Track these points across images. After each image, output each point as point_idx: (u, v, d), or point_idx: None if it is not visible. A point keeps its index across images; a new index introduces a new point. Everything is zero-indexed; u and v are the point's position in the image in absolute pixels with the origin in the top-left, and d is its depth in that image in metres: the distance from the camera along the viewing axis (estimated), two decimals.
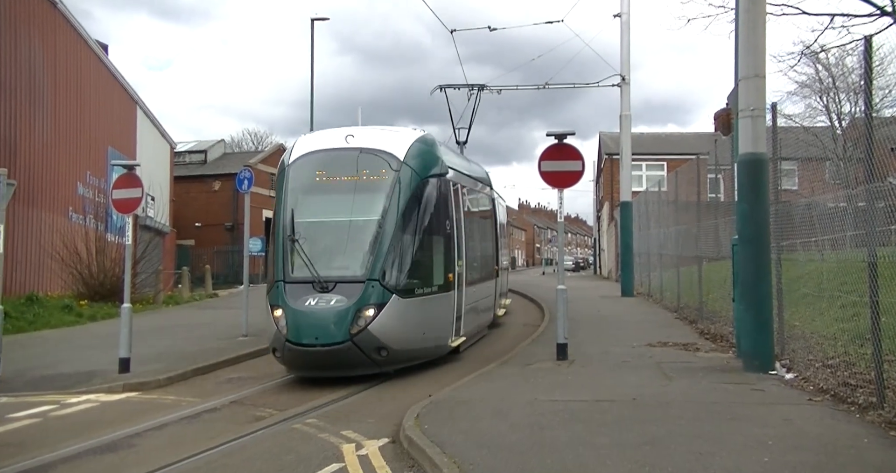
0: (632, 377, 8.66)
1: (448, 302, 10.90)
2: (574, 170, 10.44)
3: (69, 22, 23.43)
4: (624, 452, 5.53)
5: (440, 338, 10.74)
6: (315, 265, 9.71)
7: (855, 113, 20.40)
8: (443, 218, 10.82)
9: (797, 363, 8.58)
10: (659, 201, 19.74)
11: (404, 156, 10.31)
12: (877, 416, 6.30)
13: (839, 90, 22.04)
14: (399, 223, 9.92)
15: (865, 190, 6.62)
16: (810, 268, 10.19)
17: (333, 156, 10.62)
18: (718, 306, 12.83)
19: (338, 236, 10.24)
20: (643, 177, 34.34)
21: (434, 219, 10.60)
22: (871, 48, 6.71)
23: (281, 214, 10.33)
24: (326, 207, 10.48)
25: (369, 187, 10.29)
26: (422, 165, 10.49)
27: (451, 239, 11.08)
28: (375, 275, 9.57)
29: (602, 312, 17.53)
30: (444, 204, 10.87)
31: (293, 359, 9.57)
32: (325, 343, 9.20)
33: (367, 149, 10.44)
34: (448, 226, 10.95)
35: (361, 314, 9.37)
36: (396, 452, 6.24)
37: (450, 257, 10.98)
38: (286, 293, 9.65)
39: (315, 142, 11.01)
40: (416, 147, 10.59)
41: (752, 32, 8.74)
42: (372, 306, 9.44)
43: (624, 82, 22.79)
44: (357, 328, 9.29)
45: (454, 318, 11.18)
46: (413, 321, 9.95)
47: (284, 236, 10.06)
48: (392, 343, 9.52)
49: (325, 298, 9.46)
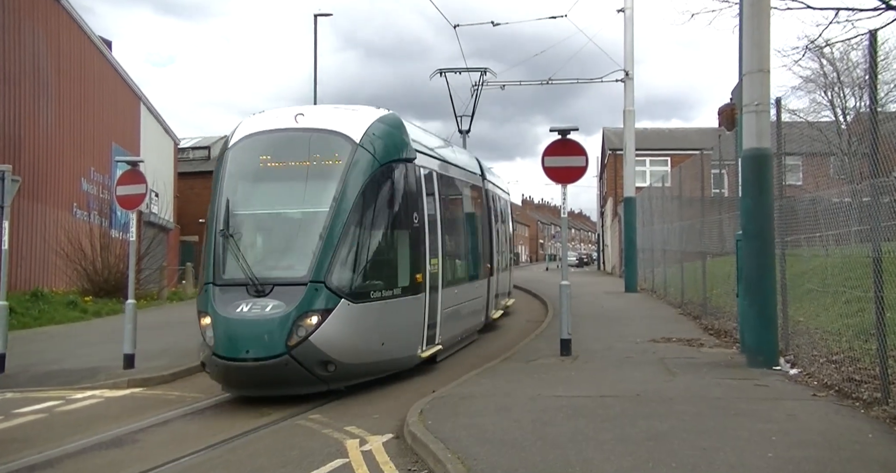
0: (635, 373, 8.66)
1: (416, 307, 9.55)
2: (578, 165, 10.41)
3: (73, 18, 23.44)
4: (628, 447, 5.53)
5: (406, 348, 9.44)
6: (250, 265, 8.41)
7: (860, 108, 20.33)
8: (409, 210, 9.50)
9: (801, 359, 8.57)
10: (663, 197, 19.70)
11: (360, 138, 8.95)
12: (881, 411, 6.29)
13: (844, 85, 22.00)
14: (352, 216, 8.57)
15: (870, 185, 6.59)
16: (815, 263, 10.17)
17: (279, 138, 9.23)
18: (722, 301, 12.81)
19: (279, 231, 9.08)
20: (647, 172, 34.26)
21: (397, 211, 9.32)
22: (876, 42, 6.69)
23: (215, 205, 9.00)
24: (268, 196, 9.19)
25: (319, 173, 8.94)
26: (382, 149, 9.12)
27: (421, 234, 9.73)
28: (321, 276, 8.23)
29: (606, 308, 17.52)
30: (410, 194, 9.55)
31: (222, 376, 8.31)
32: (257, 357, 7.87)
33: (317, 130, 9.11)
34: (417, 219, 9.63)
35: (302, 322, 8.04)
36: (400, 447, 6.25)
37: (419, 255, 9.61)
38: (215, 298, 8.36)
39: (260, 122, 9.55)
40: (375, 128, 9.22)
41: (757, 27, 8.71)
42: (315, 312, 8.12)
43: (627, 78, 22.73)
44: (296, 338, 7.97)
45: (425, 325, 9.82)
46: (368, 329, 8.65)
47: (216, 230, 8.77)
48: (340, 356, 8.24)
49: (259, 303, 8.16)
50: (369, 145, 9.00)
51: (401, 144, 9.58)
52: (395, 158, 9.33)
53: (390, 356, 9.07)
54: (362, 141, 8.96)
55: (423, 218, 9.84)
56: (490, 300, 14.51)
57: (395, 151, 9.41)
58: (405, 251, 9.41)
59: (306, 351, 8.00)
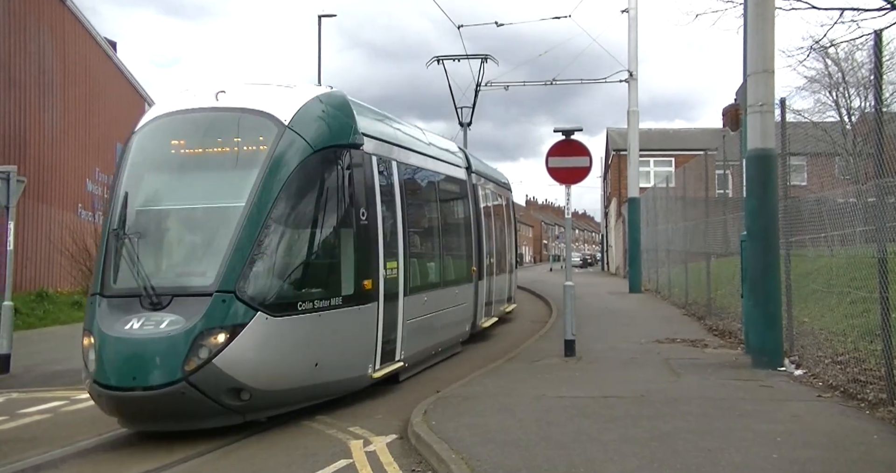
0: (640, 374, 8.65)
1: (364, 318, 8.11)
2: (582, 166, 10.41)
3: (78, 19, 23.51)
4: (632, 448, 5.52)
5: (350, 368, 7.98)
6: (146, 272, 6.99)
7: (865, 108, 20.28)
8: (355, 205, 8.05)
9: (806, 360, 8.55)
10: (667, 197, 19.68)
11: (290, 119, 7.54)
12: (887, 412, 6.27)
13: (849, 85, 21.93)
14: (275, 211, 7.15)
15: (875, 185, 6.58)
16: (819, 264, 10.15)
17: (193, 120, 7.80)
18: (727, 302, 12.79)
19: (185, 231, 7.62)
20: (651, 173, 34.21)
21: (337, 205, 7.90)
22: (881, 42, 6.68)
23: (113, 200, 7.65)
24: (176, 190, 7.76)
25: (238, 161, 7.52)
26: (317, 132, 7.73)
27: (372, 233, 8.32)
28: (230, 285, 6.74)
29: (610, 308, 17.51)
30: (357, 186, 8.13)
31: (108, 409, 6.79)
32: (146, 386, 6.43)
33: (239, 109, 7.68)
34: (365, 216, 8.16)
35: (205, 341, 6.54)
36: (404, 448, 6.25)
37: (368, 258, 8.20)
38: (100, 312, 6.92)
39: (176, 102, 8.09)
40: (311, 108, 7.85)
41: (761, 27, 8.69)
42: (222, 329, 6.63)
43: (632, 78, 22.72)
44: (196, 361, 6.48)
45: (378, 339, 8.38)
46: (294, 347, 7.22)
47: (109, 230, 7.39)
48: (256, 382, 6.75)
49: (153, 319, 6.68)
50: (301, 128, 7.58)
51: (345, 128, 8.17)
52: (335, 143, 7.92)
53: (328, 378, 7.62)
54: (292, 123, 7.54)
55: (376, 215, 8.42)
56: (478, 308, 13.06)
57: (337, 134, 8.01)
58: (348, 254, 7.92)
59: (209, 377, 6.51)
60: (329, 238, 7.89)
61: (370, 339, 8.29)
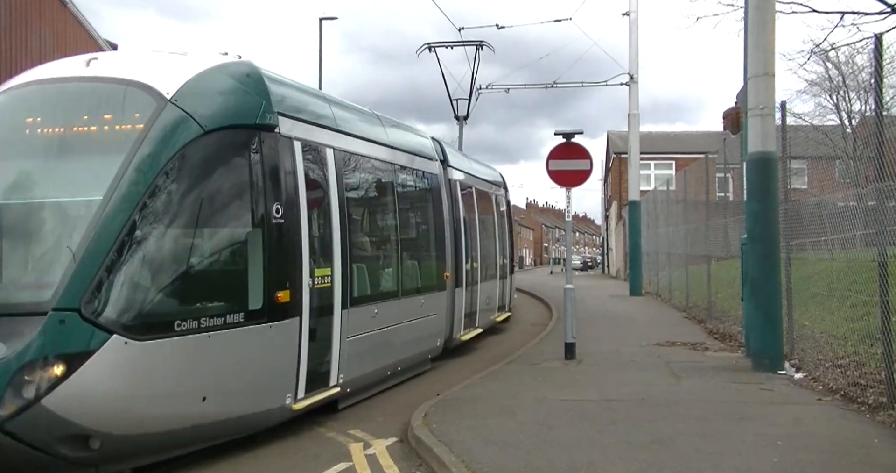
0: (640, 377, 8.65)
1: (280, 338, 6.50)
2: (582, 169, 10.42)
3: (79, 21, 23.53)
4: (632, 451, 5.52)
5: (259, 400, 6.35)
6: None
7: (865, 111, 20.31)
8: (265, 199, 6.46)
9: (807, 363, 8.55)
10: (667, 200, 19.69)
11: (175, 92, 6.01)
12: (887, 416, 6.26)
13: (849, 88, 21.98)
14: (148, 206, 5.67)
15: (876, 189, 6.59)
16: (820, 267, 10.15)
17: (55, 92, 6.31)
18: (727, 305, 12.79)
19: (25, 232, 6.01)
20: (651, 176, 34.22)
21: (238, 199, 6.36)
22: (881, 46, 6.69)
23: None
24: (24, 180, 6.13)
25: (106, 143, 5.96)
26: (213, 109, 6.20)
27: (292, 234, 6.72)
28: (73, 300, 5.21)
29: (610, 311, 17.50)
30: (267, 176, 6.50)
31: None
32: None
33: (111, 79, 6.17)
34: (280, 213, 6.55)
35: (31, 375, 5.05)
36: (404, 451, 6.25)
37: (285, 264, 6.60)
38: None
39: (40, 71, 6.73)
40: (204, 80, 6.30)
41: (762, 31, 8.71)
42: (59, 358, 5.10)
43: (632, 81, 22.73)
44: (16, 403, 4.99)
45: (301, 362, 6.76)
46: (169, 378, 5.65)
47: None
48: (109, 425, 5.29)
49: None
50: (188, 103, 6.04)
51: (252, 105, 6.52)
52: (235, 122, 6.36)
53: (223, 415, 6.04)
54: (177, 96, 6.00)
55: (298, 212, 6.83)
56: (456, 319, 11.49)
57: (239, 113, 6.44)
58: (255, 260, 6.36)
59: (37, 422, 5.02)
60: (223, 241, 6.42)
61: (288, 362, 6.66)
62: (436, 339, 10.63)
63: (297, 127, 7.09)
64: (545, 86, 24.20)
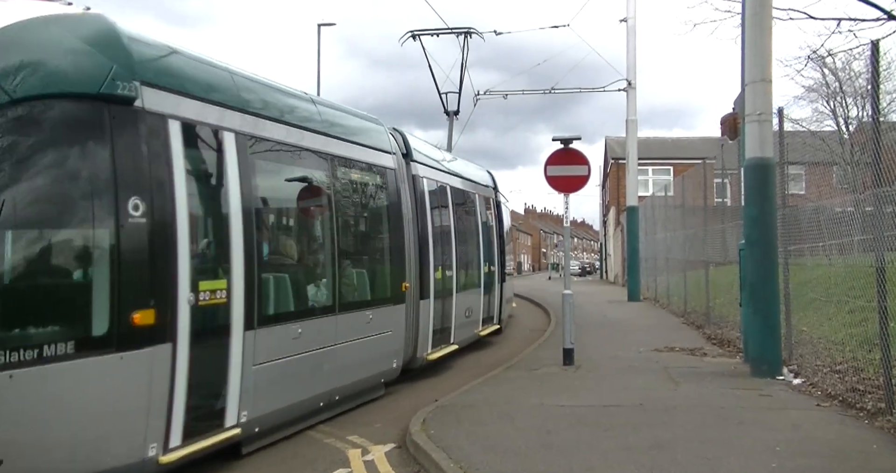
0: (639, 382, 8.65)
1: (136, 371, 5.03)
2: (580, 174, 10.45)
3: None
4: (631, 456, 5.51)
5: (99, 456, 4.86)
6: None
7: (862, 117, 20.38)
8: (118, 191, 5.00)
9: (805, 369, 8.55)
10: (665, 206, 19.73)
11: None
12: (886, 422, 6.26)
13: (846, 94, 22.06)
14: None
15: (873, 194, 6.60)
16: (818, 273, 10.17)
17: None
18: (725, 310, 12.79)
19: None
20: (650, 181, 34.27)
21: (68, 190, 4.98)
22: (878, 52, 6.71)
23: None
24: None
25: None
26: (30, 73, 4.78)
27: (158, 236, 5.23)
28: None
29: (609, 317, 17.50)
30: (118, 161, 5.02)
31: None
32: None
33: None
34: (140, 209, 5.08)
35: None
36: (403, 457, 6.24)
37: (145, 276, 5.13)
38: None
39: None
40: (16, 31, 4.86)
41: (759, 37, 8.74)
42: None
43: (630, 87, 22.78)
44: None
45: (172, 402, 5.25)
46: None
47: None
48: None
49: None
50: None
51: (96, 69, 5.03)
52: (65, 90, 4.93)
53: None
54: None
55: (171, 210, 5.36)
56: (421, 335, 9.97)
57: (71, 78, 4.97)
58: (99, 270, 5.01)
59: None
60: (41, 247, 4.97)
61: (152, 403, 5.13)
62: (391, 360, 8.99)
63: (172, 101, 5.56)
64: (543, 92, 24.23)
